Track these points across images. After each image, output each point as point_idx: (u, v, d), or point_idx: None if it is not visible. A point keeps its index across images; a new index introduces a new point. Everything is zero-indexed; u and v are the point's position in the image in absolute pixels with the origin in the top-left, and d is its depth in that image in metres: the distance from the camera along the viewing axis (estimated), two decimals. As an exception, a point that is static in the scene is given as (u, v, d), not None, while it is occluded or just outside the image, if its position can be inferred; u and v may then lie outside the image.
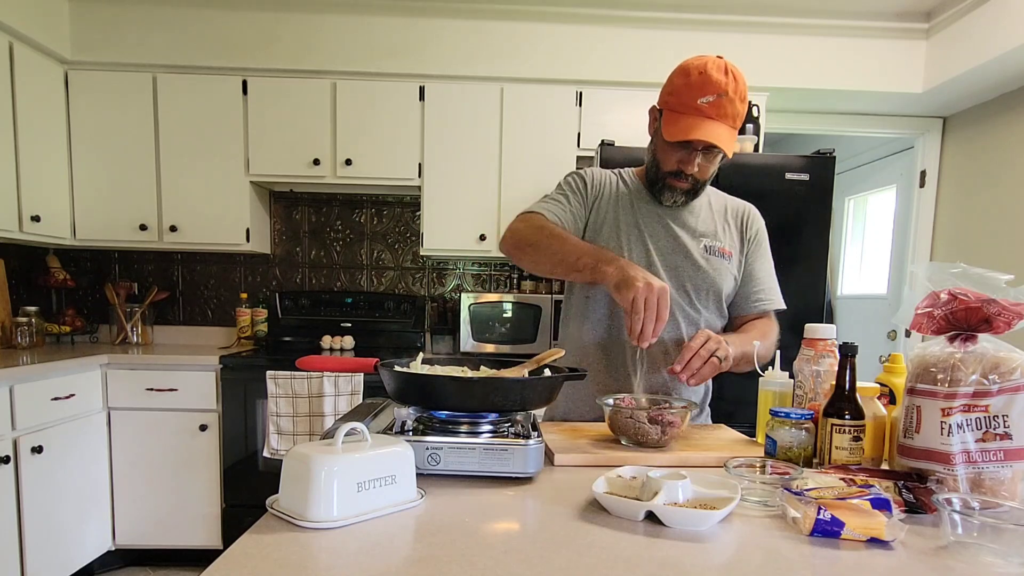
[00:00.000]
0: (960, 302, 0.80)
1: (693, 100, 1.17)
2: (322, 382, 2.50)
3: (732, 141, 1.20)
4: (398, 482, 0.76)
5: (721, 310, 1.38)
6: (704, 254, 1.33)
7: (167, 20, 2.75)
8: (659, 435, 1.03)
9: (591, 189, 1.39)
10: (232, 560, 0.61)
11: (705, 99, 1.16)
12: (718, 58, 1.19)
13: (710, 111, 1.17)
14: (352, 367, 1.06)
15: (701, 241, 1.34)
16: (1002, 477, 0.78)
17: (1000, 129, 2.90)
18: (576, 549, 0.66)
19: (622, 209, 1.36)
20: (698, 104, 1.17)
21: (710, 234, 1.35)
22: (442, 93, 2.83)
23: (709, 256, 1.34)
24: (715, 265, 1.34)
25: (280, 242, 3.22)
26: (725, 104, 1.16)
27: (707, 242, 1.34)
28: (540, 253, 1.27)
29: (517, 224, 1.34)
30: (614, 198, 1.37)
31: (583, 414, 1.37)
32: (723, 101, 1.16)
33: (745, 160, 2.55)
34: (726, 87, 1.16)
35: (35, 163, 2.58)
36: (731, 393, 2.59)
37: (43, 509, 2.23)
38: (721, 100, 1.16)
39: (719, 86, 1.16)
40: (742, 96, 1.19)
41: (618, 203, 1.37)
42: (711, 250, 1.34)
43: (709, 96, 1.16)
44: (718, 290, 1.34)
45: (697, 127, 1.17)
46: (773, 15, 2.82)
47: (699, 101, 1.17)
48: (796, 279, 2.54)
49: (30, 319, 2.70)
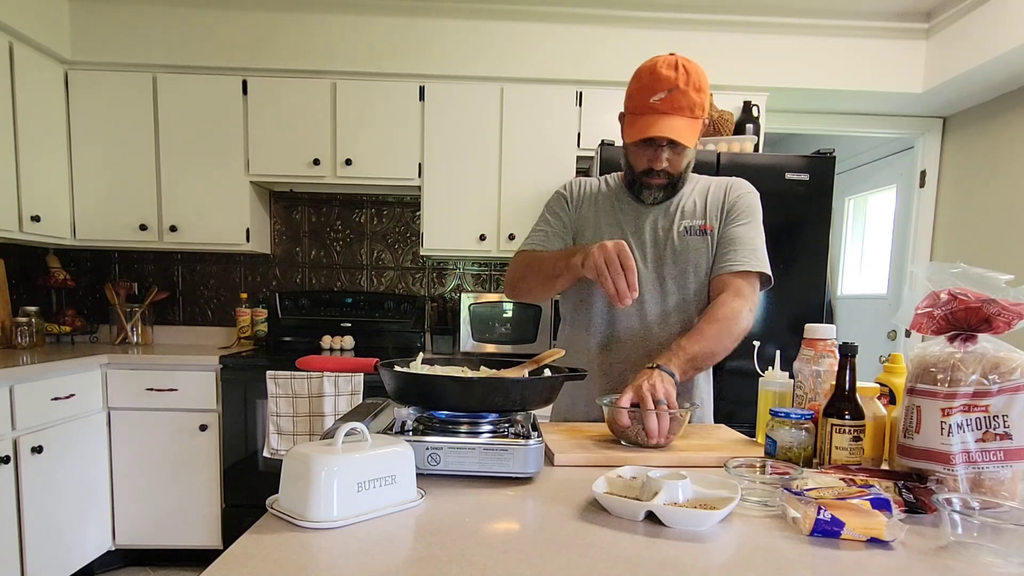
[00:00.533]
0: (960, 302, 0.80)
1: (646, 100, 1.21)
2: (322, 382, 2.50)
3: (692, 131, 1.23)
4: (398, 482, 0.76)
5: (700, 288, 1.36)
6: (684, 235, 1.34)
7: (167, 20, 2.75)
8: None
9: (572, 202, 1.43)
10: (232, 560, 0.61)
11: (657, 96, 1.20)
12: (669, 55, 1.23)
13: (663, 107, 1.20)
14: (352, 367, 1.06)
15: (681, 224, 1.35)
16: (1002, 477, 0.78)
17: (1000, 129, 2.90)
18: (576, 549, 0.65)
19: (602, 211, 1.39)
20: (651, 103, 1.21)
21: (689, 215, 1.36)
22: (442, 93, 2.83)
23: (688, 237, 1.34)
24: (693, 245, 1.34)
25: (280, 242, 3.22)
26: (678, 97, 1.20)
27: (686, 223, 1.35)
28: (528, 281, 1.35)
29: (510, 268, 1.42)
30: (595, 202, 1.41)
31: (585, 414, 1.37)
32: (675, 95, 1.20)
33: (745, 160, 2.56)
34: (676, 81, 1.19)
35: (35, 163, 2.58)
36: (731, 393, 2.59)
37: (43, 509, 2.23)
38: (673, 94, 1.20)
39: (669, 81, 1.20)
40: (696, 86, 1.21)
41: (598, 205, 1.40)
42: (690, 230, 1.35)
43: (661, 93, 1.20)
44: (697, 269, 1.34)
45: (652, 124, 1.21)
46: (773, 15, 2.82)
47: (652, 100, 1.21)
48: (796, 279, 2.54)
49: (30, 319, 2.70)
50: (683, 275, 1.34)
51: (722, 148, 2.62)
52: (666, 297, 1.35)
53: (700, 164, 2.53)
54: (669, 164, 1.28)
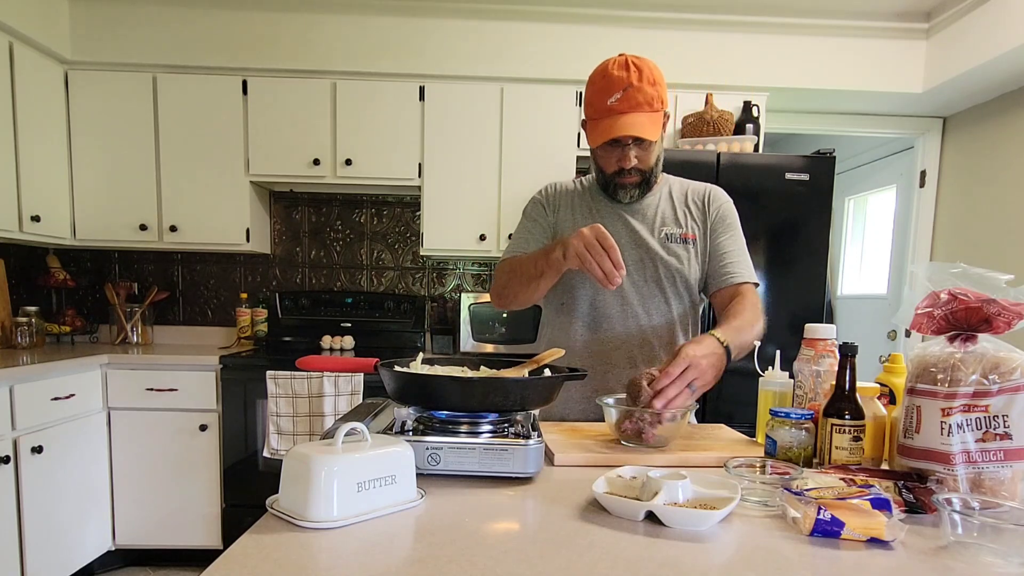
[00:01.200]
0: (960, 302, 0.80)
1: (603, 103, 1.23)
2: (322, 382, 2.50)
3: (654, 124, 1.24)
4: (398, 482, 0.76)
5: (693, 296, 1.40)
6: (665, 243, 1.36)
7: (167, 20, 2.75)
8: (659, 436, 1.03)
9: (549, 206, 1.44)
10: (232, 560, 0.61)
11: (613, 98, 1.22)
12: (619, 56, 1.24)
13: (621, 107, 1.22)
14: (352, 367, 1.06)
15: (662, 231, 1.37)
16: (1002, 477, 0.78)
17: (1000, 129, 2.90)
18: (576, 549, 0.65)
19: (579, 213, 1.40)
20: (608, 104, 1.22)
21: (669, 222, 1.38)
22: (442, 93, 2.83)
23: (669, 244, 1.36)
24: (676, 252, 1.36)
25: (280, 242, 3.22)
26: (633, 95, 1.21)
27: (666, 230, 1.37)
28: (511, 286, 1.34)
29: (494, 278, 1.42)
30: (571, 204, 1.42)
31: (578, 414, 1.37)
32: (630, 92, 1.21)
33: (745, 160, 2.56)
34: (629, 79, 1.21)
35: (35, 163, 2.58)
36: (731, 393, 2.59)
37: (43, 509, 2.23)
38: (628, 92, 1.21)
39: (622, 81, 1.21)
40: (651, 80, 1.22)
41: (575, 208, 1.41)
42: (671, 238, 1.36)
43: (616, 94, 1.21)
44: (684, 277, 1.36)
45: (613, 126, 1.23)
46: (773, 15, 2.82)
47: (609, 102, 1.22)
48: (796, 279, 2.54)
49: (30, 319, 2.69)
50: (666, 280, 1.36)
51: (722, 148, 2.62)
52: (647, 301, 1.36)
53: (700, 164, 2.55)
54: (639, 161, 1.29)
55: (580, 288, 1.37)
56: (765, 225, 2.53)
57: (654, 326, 1.36)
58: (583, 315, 1.38)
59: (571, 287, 1.38)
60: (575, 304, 1.38)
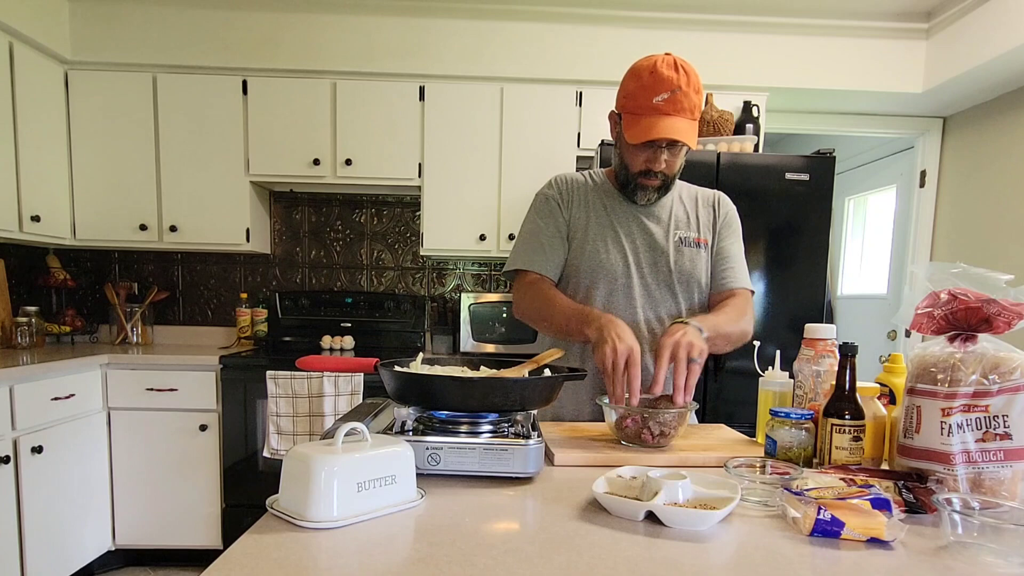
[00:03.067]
0: (960, 302, 0.80)
1: (648, 100, 1.20)
2: (322, 382, 2.50)
3: (693, 132, 1.22)
4: (398, 482, 0.76)
5: (703, 299, 1.39)
6: (679, 246, 1.35)
7: (167, 20, 2.75)
8: (659, 435, 1.03)
9: (564, 203, 1.39)
10: (232, 560, 0.61)
11: (660, 97, 1.19)
12: (666, 55, 1.22)
13: (667, 108, 1.19)
14: (352, 367, 1.06)
15: (675, 234, 1.36)
16: (1002, 477, 0.78)
17: (1000, 129, 2.90)
18: (576, 549, 0.66)
19: (594, 213, 1.38)
20: (654, 103, 1.20)
21: (683, 225, 1.37)
22: (442, 93, 2.83)
23: (683, 247, 1.36)
24: (690, 256, 1.36)
25: (280, 242, 3.22)
26: (680, 99, 1.19)
27: (680, 234, 1.36)
28: (540, 326, 1.37)
29: (518, 296, 1.40)
30: (585, 200, 1.39)
31: (588, 415, 1.37)
32: (678, 96, 1.19)
33: (745, 160, 2.55)
34: (679, 82, 1.18)
35: (35, 163, 2.58)
36: (731, 393, 2.59)
37: (43, 509, 2.23)
38: (676, 95, 1.19)
39: (671, 82, 1.18)
40: (696, 88, 1.21)
41: (589, 205, 1.39)
42: (685, 241, 1.36)
43: (664, 94, 1.19)
44: (698, 279, 1.36)
45: (656, 125, 1.20)
46: (773, 15, 2.83)
47: (654, 100, 1.19)
48: (796, 279, 2.54)
49: (30, 319, 2.69)
50: (679, 284, 1.35)
51: (722, 148, 2.62)
52: (658, 304, 1.35)
53: (700, 164, 2.55)
54: (667, 166, 1.28)
55: (595, 289, 1.34)
56: (765, 225, 2.53)
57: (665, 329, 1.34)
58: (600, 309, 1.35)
59: (586, 287, 1.35)
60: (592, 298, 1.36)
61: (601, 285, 1.34)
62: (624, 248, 1.34)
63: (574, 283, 1.36)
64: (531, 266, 1.37)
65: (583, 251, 1.35)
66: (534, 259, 1.37)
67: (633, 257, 1.34)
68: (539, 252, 1.37)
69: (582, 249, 1.35)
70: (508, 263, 1.42)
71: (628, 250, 1.34)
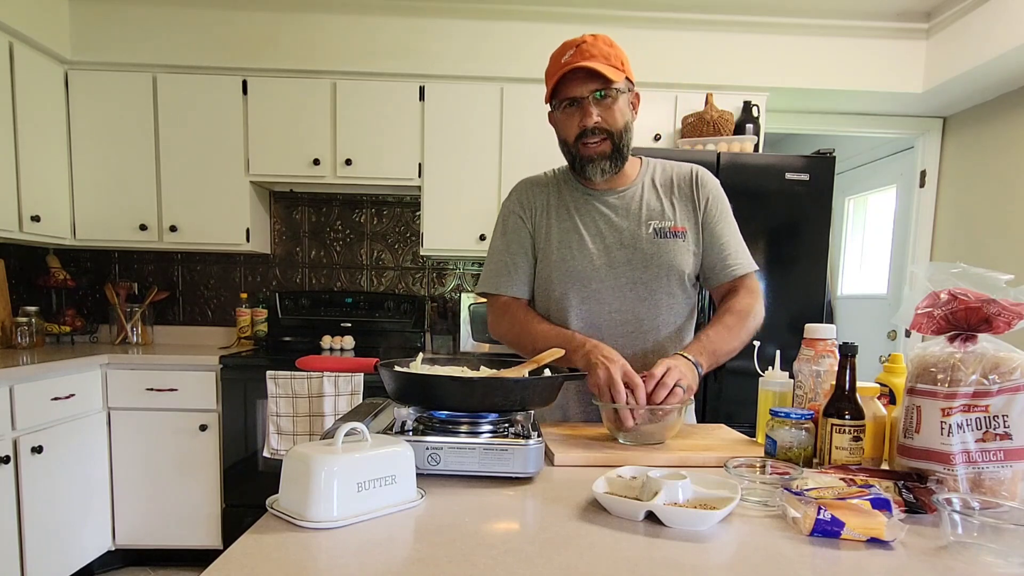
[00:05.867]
0: (960, 302, 0.80)
1: (557, 63, 1.21)
2: (322, 382, 2.50)
3: (612, 71, 1.18)
4: (398, 482, 0.76)
5: (687, 292, 1.32)
6: (654, 238, 1.28)
7: (167, 20, 2.75)
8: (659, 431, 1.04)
9: (526, 215, 1.35)
10: (232, 560, 0.61)
11: (567, 55, 1.20)
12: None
13: (574, 59, 1.19)
14: (352, 367, 1.06)
15: (649, 225, 1.28)
16: (1002, 477, 0.78)
17: (1000, 129, 2.90)
18: (576, 549, 0.65)
19: (556, 218, 1.32)
20: (562, 62, 1.20)
21: (657, 215, 1.29)
22: (442, 93, 2.83)
23: (659, 239, 1.28)
24: (669, 247, 1.28)
25: (280, 242, 3.22)
26: (587, 48, 1.19)
27: (655, 224, 1.28)
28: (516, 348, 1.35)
29: (493, 319, 1.39)
30: (546, 204, 1.34)
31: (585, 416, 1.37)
32: (583, 47, 1.20)
33: (745, 160, 2.56)
34: (583, 39, 1.21)
35: (35, 163, 2.58)
36: (731, 393, 2.59)
37: (43, 509, 2.22)
38: (581, 47, 1.20)
39: (574, 42, 1.21)
40: (605, 42, 1.21)
41: (549, 208, 1.34)
42: (661, 232, 1.28)
43: (569, 50, 1.20)
44: (679, 272, 1.28)
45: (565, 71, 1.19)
46: (774, 15, 2.82)
47: (562, 60, 1.21)
48: (796, 279, 2.54)
49: (30, 319, 2.69)
50: (660, 278, 1.28)
51: (722, 148, 2.62)
52: (639, 301, 1.28)
53: (700, 164, 2.54)
54: (601, 119, 1.20)
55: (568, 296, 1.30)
56: (765, 225, 2.53)
57: (653, 326, 1.30)
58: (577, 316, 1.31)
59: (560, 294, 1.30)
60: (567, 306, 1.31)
61: (573, 291, 1.29)
62: (590, 250, 1.28)
63: (547, 292, 1.32)
64: (499, 289, 1.35)
65: (550, 259, 1.31)
66: (500, 282, 1.35)
67: (604, 257, 1.28)
68: (504, 274, 1.34)
69: (549, 258, 1.31)
70: (479, 285, 1.40)
71: (597, 251, 1.28)
